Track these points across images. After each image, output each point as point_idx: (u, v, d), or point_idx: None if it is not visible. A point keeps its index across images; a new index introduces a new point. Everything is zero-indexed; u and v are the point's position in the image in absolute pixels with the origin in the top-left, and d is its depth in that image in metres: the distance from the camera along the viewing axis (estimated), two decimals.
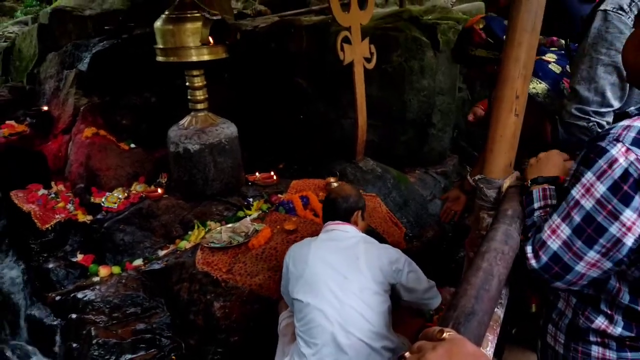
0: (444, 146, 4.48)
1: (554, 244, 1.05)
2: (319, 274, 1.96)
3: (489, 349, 0.99)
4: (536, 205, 1.20)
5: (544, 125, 1.94)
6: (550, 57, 2.01)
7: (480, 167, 2.29)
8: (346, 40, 3.44)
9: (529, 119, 1.47)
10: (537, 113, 1.86)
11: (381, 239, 3.13)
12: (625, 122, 1.01)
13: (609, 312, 1.10)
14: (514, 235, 1.05)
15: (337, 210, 2.20)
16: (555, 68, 1.99)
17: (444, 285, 2.79)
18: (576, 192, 1.04)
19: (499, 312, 1.14)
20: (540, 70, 1.94)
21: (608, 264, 1.02)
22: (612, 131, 1.01)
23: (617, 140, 0.99)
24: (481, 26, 1.97)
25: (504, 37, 1.94)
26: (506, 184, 1.28)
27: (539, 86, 1.90)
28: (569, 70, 1.97)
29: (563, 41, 1.97)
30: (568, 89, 1.94)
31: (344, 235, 2.11)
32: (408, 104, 4.19)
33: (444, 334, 0.59)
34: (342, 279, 1.93)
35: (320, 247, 2.06)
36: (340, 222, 2.18)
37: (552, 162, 1.30)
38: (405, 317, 2.40)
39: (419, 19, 4.36)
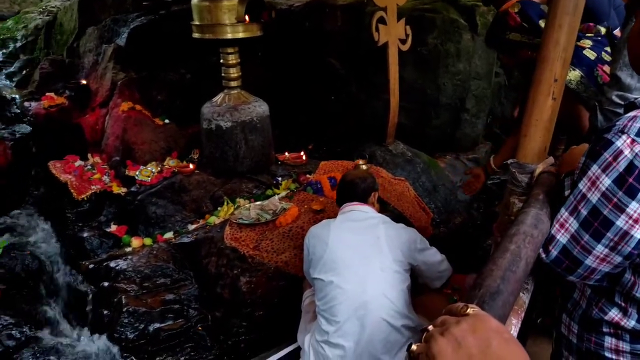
0: (477, 132, 4.40)
1: (563, 238, 1.05)
2: (340, 255, 1.98)
3: (512, 333, 0.99)
4: (566, 194, 1.18)
5: (579, 111, 1.89)
6: (585, 43, 1.95)
7: (505, 152, 2.28)
8: (381, 20, 3.39)
9: (562, 104, 1.43)
10: (571, 99, 1.81)
11: (408, 224, 3.12)
12: (632, 113, 0.99)
13: (623, 304, 1.09)
14: (544, 220, 1.03)
15: (355, 191, 2.23)
16: (590, 54, 1.93)
17: (470, 272, 2.77)
18: (583, 185, 1.03)
19: (524, 297, 1.13)
20: (574, 57, 1.89)
21: (618, 258, 1.00)
22: (618, 122, 0.99)
23: (622, 131, 0.97)
24: (516, 10, 1.93)
25: (539, 21, 1.88)
26: (539, 169, 1.26)
27: (573, 73, 1.85)
28: (603, 57, 1.91)
29: (601, 28, 1.91)
30: (602, 76, 1.88)
31: (363, 216, 2.14)
32: (442, 88, 4.12)
33: (469, 310, 0.59)
34: (363, 259, 1.95)
35: (340, 228, 2.08)
36: (358, 202, 2.20)
37: None
38: (427, 301, 2.40)
39: (457, 0, 4.25)
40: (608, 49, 1.88)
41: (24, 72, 5.65)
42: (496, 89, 4.65)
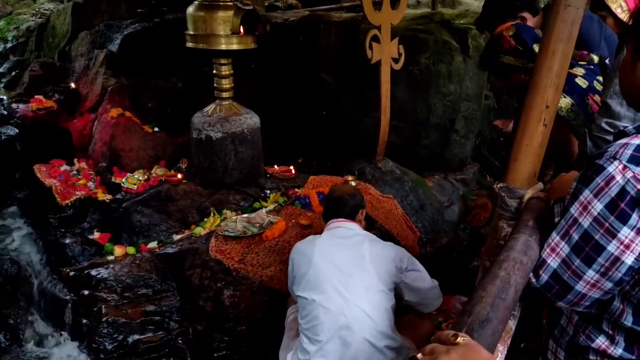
0: (465, 153, 4.43)
1: (554, 262, 1.05)
2: (324, 272, 1.95)
3: None
4: (556, 220, 1.19)
5: (569, 138, 1.91)
6: (577, 70, 1.98)
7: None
8: (375, 39, 3.41)
9: (552, 130, 1.45)
10: (561, 126, 1.83)
11: (395, 242, 3.11)
12: (623, 140, 1.01)
13: (610, 332, 1.09)
14: (533, 247, 1.03)
15: (343, 208, 2.20)
16: (582, 82, 1.95)
17: (455, 294, 2.77)
18: (574, 209, 1.03)
19: (511, 323, 1.12)
20: (566, 84, 1.92)
21: (608, 284, 1.01)
22: (609, 149, 1.01)
23: (614, 157, 0.98)
24: (511, 33, 1.95)
25: (533, 45, 1.91)
26: (528, 194, 1.26)
27: (564, 100, 1.87)
28: (595, 86, 1.94)
29: (594, 56, 1.94)
30: (592, 105, 1.91)
31: (349, 233, 2.11)
32: (432, 108, 4.15)
33: (459, 339, 0.58)
34: (347, 277, 1.93)
35: (325, 245, 2.06)
36: (344, 219, 2.17)
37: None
38: (412, 322, 2.38)
39: (450, 22, 4.31)
40: (600, 77, 1.90)
41: (13, 73, 5.59)
42: (485, 111, 4.71)
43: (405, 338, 2.09)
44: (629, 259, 0.96)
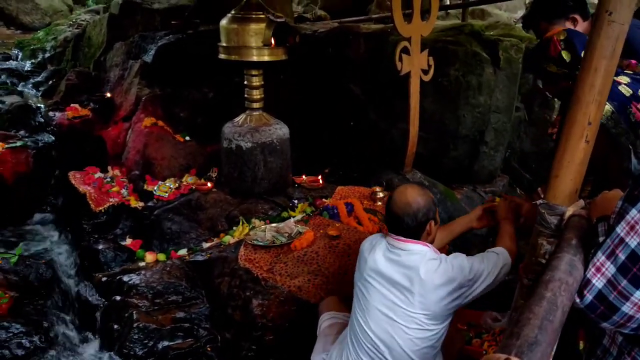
0: (495, 165, 4.37)
1: (599, 282, 1.02)
2: (372, 292, 1.87)
3: None
4: (600, 240, 1.17)
5: (608, 149, 1.86)
6: (622, 78, 1.92)
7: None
8: (405, 50, 3.42)
9: (595, 145, 1.42)
10: (599, 136, 1.79)
11: None
12: None
13: None
14: (578, 267, 1.02)
15: (403, 229, 1.86)
16: (625, 90, 1.90)
17: (486, 309, 2.73)
18: (621, 229, 1.01)
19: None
20: None
21: None
22: None
23: None
24: (562, 38, 1.90)
25: (581, 52, 1.87)
26: (569, 211, 1.24)
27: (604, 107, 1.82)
28: None
29: None
30: (635, 114, 1.85)
31: (406, 258, 1.83)
32: (462, 119, 4.12)
33: None
34: (391, 304, 1.82)
35: (379, 263, 1.87)
36: (405, 239, 1.86)
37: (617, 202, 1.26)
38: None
39: (480, 34, 4.28)
40: None
41: (50, 82, 5.78)
42: (516, 124, 4.64)
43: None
44: None
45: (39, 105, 4.93)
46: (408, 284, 1.80)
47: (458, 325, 2.55)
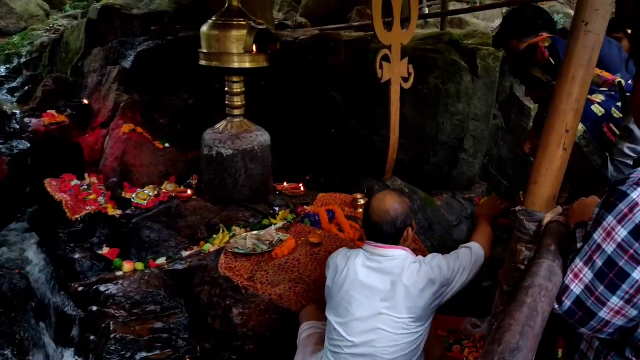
0: (473, 172, 4.43)
1: (577, 288, 1.04)
2: (352, 303, 1.85)
3: None
4: (578, 246, 1.18)
5: (582, 160, 1.90)
6: (596, 97, 1.97)
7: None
8: (385, 58, 3.44)
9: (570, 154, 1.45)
10: (574, 149, 1.83)
11: None
12: None
13: (633, 359, 1.07)
14: (557, 272, 1.03)
15: (383, 236, 1.89)
16: (597, 110, 1.95)
17: (465, 315, 2.75)
18: (597, 235, 1.03)
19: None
20: None
21: (632, 311, 1.00)
22: (632, 175, 1.02)
23: (638, 184, 0.99)
24: (546, 44, 1.96)
25: None
26: (547, 218, 1.26)
27: None
28: (613, 113, 1.92)
29: (619, 78, 1.94)
30: (607, 133, 1.90)
31: (386, 265, 1.86)
32: (441, 127, 4.17)
33: None
34: (376, 313, 1.83)
35: (358, 272, 1.87)
36: (384, 245, 1.89)
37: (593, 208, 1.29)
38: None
39: (459, 42, 4.34)
40: (620, 103, 1.90)
41: (26, 88, 5.66)
42: (493, 131, 4.71)
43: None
44: None
45: (14, 111, 4.82)
46: (391, 290, 1.81)
47: (438, 332, 2.56)
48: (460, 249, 2.06)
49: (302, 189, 3.88)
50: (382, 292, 1.83)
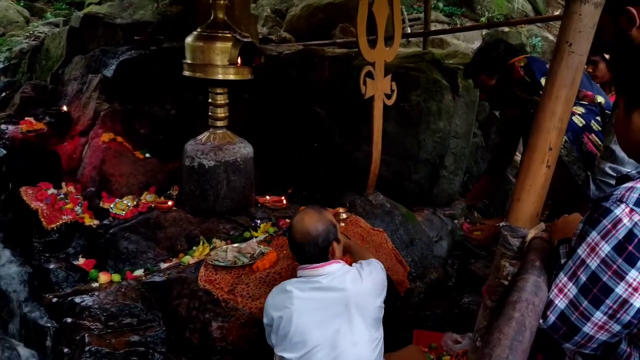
0: (454, 189, 4.48)
1: (562, 303, 1.05)
2: (307, 332, 1.81)
3: None
4: (562, 262, 1.20)
5: (562, 175, 1.95)
6: (577, 109, 2.04)
7: (477, 190, 2.34)
8: (369, 75, 3.49)
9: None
10: (557, 166, 1.88)
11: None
12: (628, 184, 1.04)
13: None
14: (543, 287, 1.04)
15: (310, 257, 1.92)
16: (578, 121, 2.01)
17: (446, 331, 2.76)
18: (581, 251, 1.05)
19: None
20: None
21: (616, 327, 1.01)
22: (615, 192, 1.04)
23: (621, 201, 1.01)
24: (522, 64, 2.03)
25: (541, 79, 1.98)
26: (531, 234, 1.28)
27: None
28: (592, 125, 2.00)
29: (600, 98, 2.01)
30: (587, 144, 1.96)
31: (325, 281, 1.87)
32: (423, 144, 4.22)
33: None
34: (333, 334, 1.81)
35: (304, 301, 1.85)
36: (317, 265, 1.90)
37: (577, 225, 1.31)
38: (403, 356, 2.35)
39: (440, 62, 4.43)
40: (599, 118, 1.97)
41: (4, 94, 5.55)
42: (474, 149, 4.79)
43: None
44: (637, 302, 0.97)
45: None
46: (343, 305, 1.82)
47: (420, 347, 2.56)
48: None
49: (284, 202, 3.87)
50: (333, 310, 1.83)
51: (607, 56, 2.50)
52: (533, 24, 9.36)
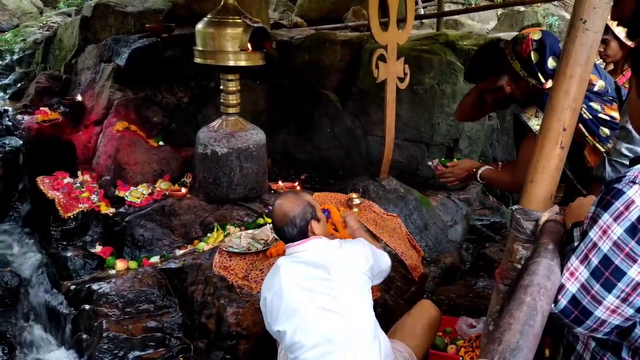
0: None
1: (573, 287, 1.03)
2: (298, 301, 1.87)
3: None
4: (575, 245, 1.18)
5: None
6: None
7: (496, 174, 2.32)
8: (381, 58, 3.44)
9: None
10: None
11: (399, 261, 3.10)
12: None
13: None
14: (555, 271, 1.02)
15: (290, 237, 2.03)
16: None
17: (461, 315, 2.75)
18: (593, 234, 1.02)
19: None
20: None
21: (629, 310, 0.99)
22: (628, 173, 1.01)
23: (634, 182, 0.98)
24: (536, 37, 1.95)
25: (549, 58, 1.92)
26: (545, 217, 1.26)
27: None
28: (583, 114, 1.89)
29: (600, 82, 1.94)
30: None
31: (310, 256, 1.98)
32: (437, 127, 4.17)
33: None
34: (323, 299, 1.87)
35: (291, 274, 1.93)
36: (297, 242, 2.02)
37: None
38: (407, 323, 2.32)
39: (454, 43, 4.36)
40: (592, 104, 1.89)
41: (19, 85, 5.61)
42: (488, 132, 4.73)
43: (399, 342, 2.09)
44: None
45: (6, 108, 4.77)
46: (325, 273, 1.91)
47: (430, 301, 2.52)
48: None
49: (297, 188, 3.87)
50: (317, 280, 1.91)
51: (619, 34, 2.41)
52: (550, 2, 9.13)
